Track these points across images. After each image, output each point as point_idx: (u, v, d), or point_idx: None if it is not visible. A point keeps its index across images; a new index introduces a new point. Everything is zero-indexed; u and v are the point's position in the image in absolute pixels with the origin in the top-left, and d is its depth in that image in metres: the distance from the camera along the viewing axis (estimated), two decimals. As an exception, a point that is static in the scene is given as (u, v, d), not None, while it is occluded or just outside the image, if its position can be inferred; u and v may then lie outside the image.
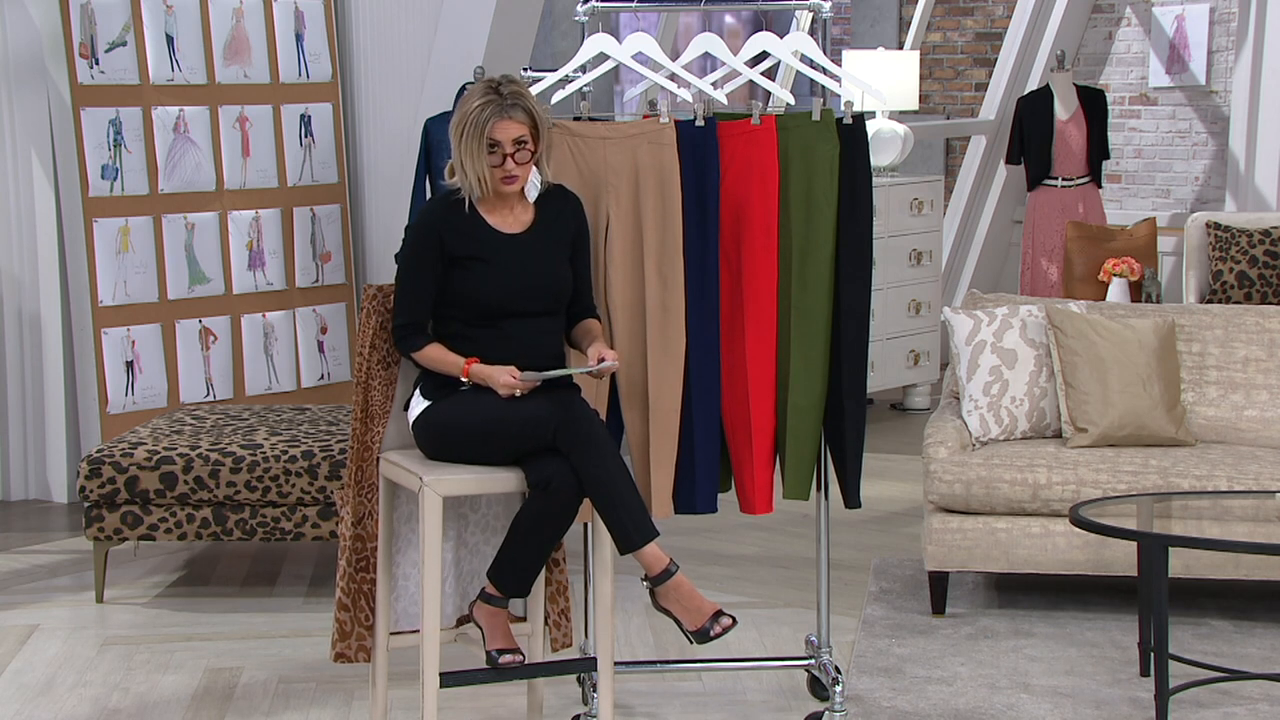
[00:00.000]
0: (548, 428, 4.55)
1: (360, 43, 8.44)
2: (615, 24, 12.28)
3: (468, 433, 4.63)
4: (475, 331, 4.69)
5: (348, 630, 4.89)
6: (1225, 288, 8.57)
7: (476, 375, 4.64)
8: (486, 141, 4.61)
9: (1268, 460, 5.99)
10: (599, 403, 4.99)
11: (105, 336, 7.54)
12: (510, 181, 4.66)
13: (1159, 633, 4.98)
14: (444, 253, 4.67)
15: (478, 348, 4.68)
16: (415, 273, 4.71)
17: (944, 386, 6.59)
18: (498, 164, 4.63)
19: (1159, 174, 11.10)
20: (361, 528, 4.86)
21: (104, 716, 5.18)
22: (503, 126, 4.61)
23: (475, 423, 4.62)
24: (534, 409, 4.58)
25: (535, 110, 4.67)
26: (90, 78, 7.55)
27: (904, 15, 12.76)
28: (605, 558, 4.71)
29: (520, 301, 4.69)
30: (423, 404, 4.71)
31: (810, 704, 5.23)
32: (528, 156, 4.67)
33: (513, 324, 4.69)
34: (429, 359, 4.70)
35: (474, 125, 4.61)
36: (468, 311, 4.69)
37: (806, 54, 5.13)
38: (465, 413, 4.64)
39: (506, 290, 4.67)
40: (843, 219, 5.01)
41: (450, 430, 4.66)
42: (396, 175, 8.32)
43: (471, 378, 4.64)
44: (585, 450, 4.54)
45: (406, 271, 4.73)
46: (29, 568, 6.75)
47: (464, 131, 4.62)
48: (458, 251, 4.67)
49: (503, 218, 4.73)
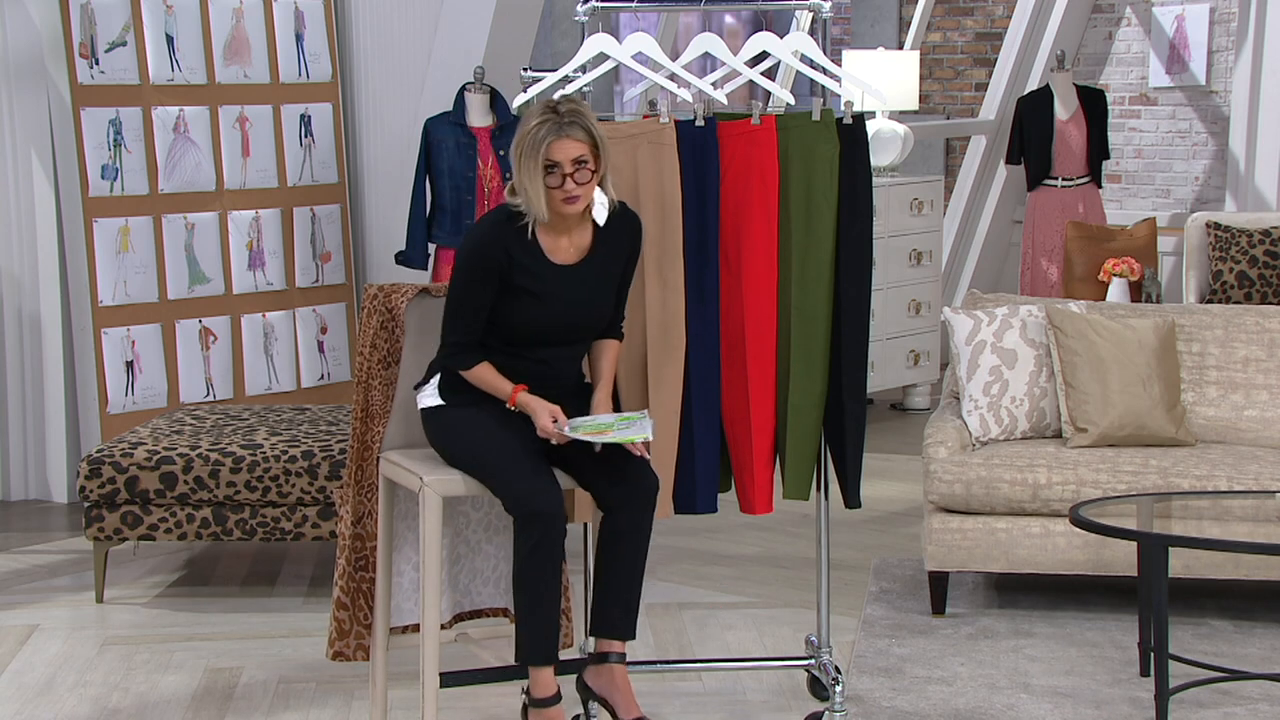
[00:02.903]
0: (601, 491, 4.57)
1: (360, 43, 8.43)
2: (615, 24, 12.28)
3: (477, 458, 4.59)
4: (496, 350, 4.65)
5: (346, 629, 4.89)
6: (1225, 288, 8.57)
7: (523, 406, 4.59)
8: (544, 162, 4.50)
9: (1268, 460, 5.99)
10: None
11: (105, 336, 7.54)
12: (571, 202, 4.55)
13: (1159, 633, 4.98)
14: (503, 276, 4.58)
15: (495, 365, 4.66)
16: (473, 290, 4.59)
17: (944, 386, 6.59)
18: (557, 185, 4.52)
19: (1159, 174, 11.10)
20: (361, 527, 4.86)
21: (104, 716, 5.18)
22: (561, 146, 4.50)
23: (489, 456, 4.56)
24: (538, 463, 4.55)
25: (594, 129, 4.56)
26: (90, 78, 7.55)
27: (904, 15, 12.76)
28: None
29: (554, 334, 4.64)
30: (436, 398, 4.68)
31: (810, 704, 5.23)
32: (588, 176, 4.55)
33: (539, 351, 4.66)
34: (478, 378, 4.63)
35: (531, 145, 4.49)
36: (499, 335, 4.64)
37: (806, 54, 5.12)
38: (484, 436, 4.59)
39: (545, 325, 4.62)
40: (843, 219, 5.00)
41: (459, 445, 4.62)
42: (396, 175, 8.32)
43: (518, 407, 4.60)
44: (644, 515, 4.60)
45: (465, 288, 4.60)
46: (29, 568, 6.75)
47: (522, 152, 4.51)
48: (514, 280, 4.58)
49: (560, 245, 4.64)
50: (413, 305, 4.77)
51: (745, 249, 5.01)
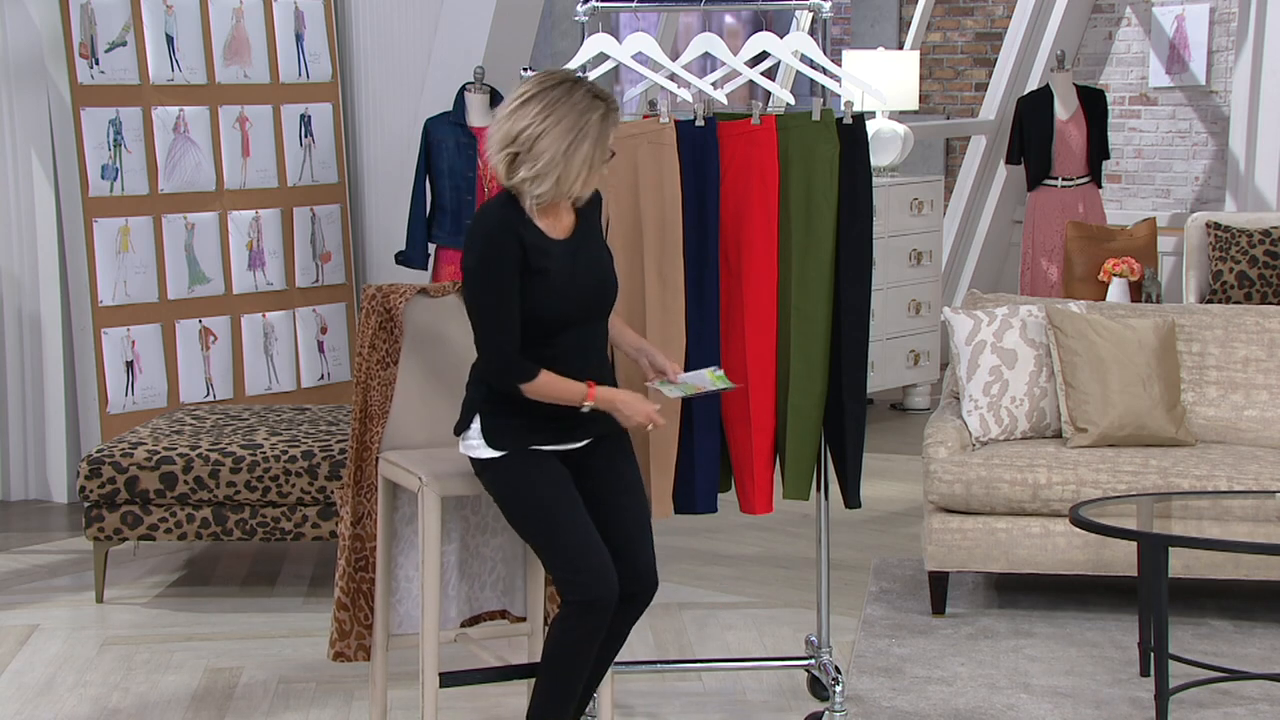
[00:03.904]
0: (618, 567, 4.40)
1: (360, 43, 8.44)
2: (615, 24, 12.28)
3: (544, 533, 4.37)
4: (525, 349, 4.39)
5: (346, 629, 4.89)
6: (1225, 288, 8.57)
7: (604, 401, 4.37)
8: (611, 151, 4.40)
9: (1268, 460, 5.99)
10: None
11: (105, 336, 7.54)
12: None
13: (1159, 633, 4.98)
14: (519, 261, 4.33)
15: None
16: (502, 283, 4.31)
17: (944, 386, 6.59)
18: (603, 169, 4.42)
19: (1159, 174, 11.10)
20: (360, 527, 4.86)
21: (104, 716, 5.18)
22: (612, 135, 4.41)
23: (559, 536, 4.34)
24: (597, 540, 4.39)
25: None
26: (90, 78, 7.55)
27: (904, 15, 12.76)
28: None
29: (575, 312, 4.41)
30: (485, 449, 4.41)
31: (810, 704, 5.23)
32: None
33: (569, 335, 4.41)
34: (544, 390, 4.33)
35: (598, 134, 4.32)
36: (525, 332, 4.37)
37: (806, 54, 5.12)
38: (551, 505, 4.37)
39: (566, 303, 4.38)
40: (843, 219, 5.00)
41: (521, 514, 4.41)
42: (396, 175, 8.32)
43: (597, 404, 4.36)
44: (636, 612, 4.47)
45: (494, 283, 4.31)
46: (29, 568, 6.75)
47: (579, 138, 4.30)
48: (530, 262, 4.36)
49: (554, 223, 4.43)
50: (411, 306, 4.77)
51: (745, 249, 5.01)
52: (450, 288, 4.81)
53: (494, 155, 4.37)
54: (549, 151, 4.31)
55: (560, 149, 4.31)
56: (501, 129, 4.34)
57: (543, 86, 4.36)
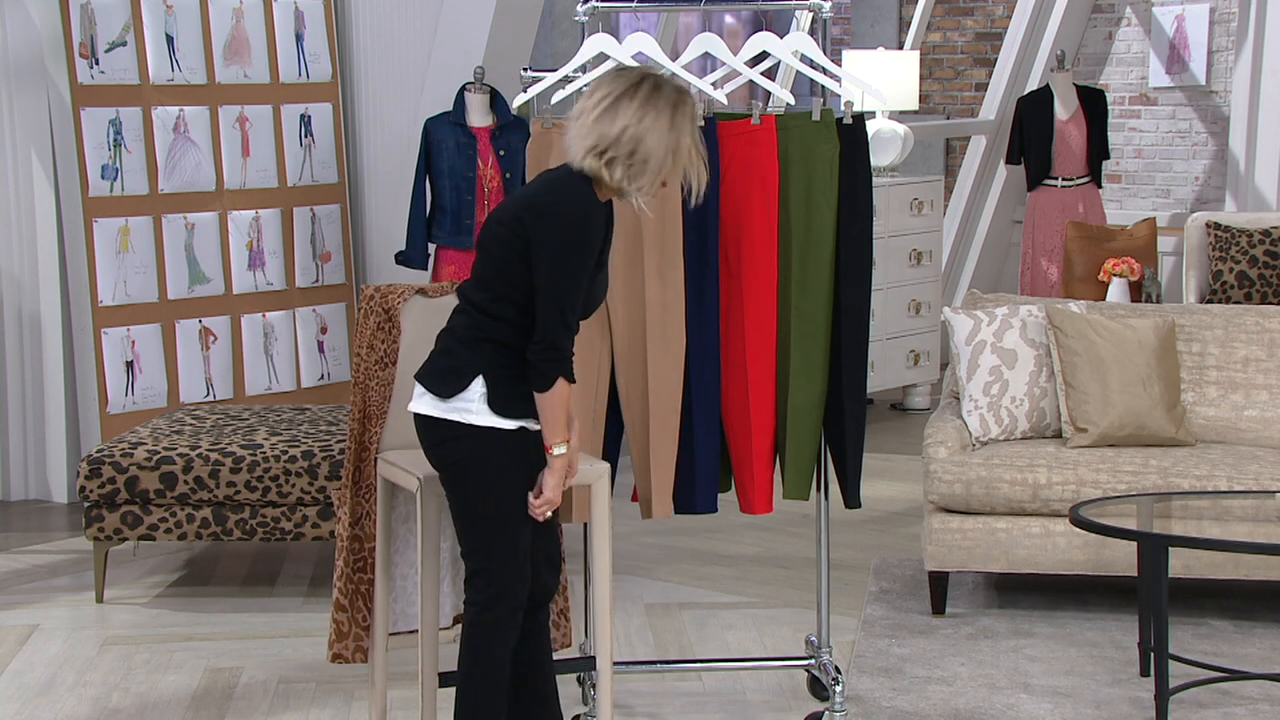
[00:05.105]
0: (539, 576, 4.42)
1: (360, 43, 8.44)
2: (615, 24, 12.28)
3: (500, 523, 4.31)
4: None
5: (345, 631, 4.89)
6: (1225, 288, 8.57)
7: (565, 456, 4.27)
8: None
9: (1268, 460, 5.99)
10: (599, 405, 4.99)
11: (105, 336, 7.54)
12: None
13: (1159, 633, 4.98)
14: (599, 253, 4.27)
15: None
16: (587, 268, 4.22)
17: (944, 386, 6.59)
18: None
19: (1159, 174, 11.09)
20: (359, 528, 4.86)
21: (104, 716, 5.18)
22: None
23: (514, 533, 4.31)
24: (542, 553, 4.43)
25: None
26: (90, 78, 7.55)
27: (904, 15, 12.76)
28: (604, 558, 4.70)
29: (589, 311, 4.35)
30: (487, 415, 4.26)
31: (810, 704, 5.23)
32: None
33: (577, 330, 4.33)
34: (564, 397, 4.24)
35: (693, 126, 4.28)
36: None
37: (806, 54, 5.12)
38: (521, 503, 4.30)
39: (590, 302, 4.32)
40: (843, 219, 5.00)
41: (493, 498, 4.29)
42: (396, 175, 8.32)
43: (566, 453, 4.26)
44: (544, 631, 4.48)
45: (578, 280, 4.21)
46: (29, 568, 6.75)
47: (683, 134, 4.25)
48: (603, 253, 4.29)
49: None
50: (410, 306, 4.77)
51: (745, 249, 5.01)
52: (449, 288, 4.81)
53: (582, 158, 4.23)
54: (657, 150, 4.22)
55: (666, 145, 4.23)
56: (594, 132, 4.22)
57: (629, 84, 4.24)
